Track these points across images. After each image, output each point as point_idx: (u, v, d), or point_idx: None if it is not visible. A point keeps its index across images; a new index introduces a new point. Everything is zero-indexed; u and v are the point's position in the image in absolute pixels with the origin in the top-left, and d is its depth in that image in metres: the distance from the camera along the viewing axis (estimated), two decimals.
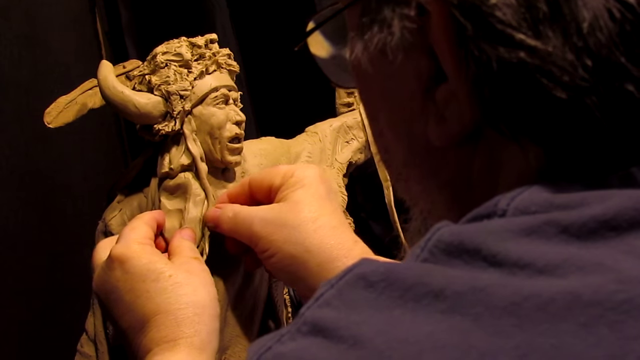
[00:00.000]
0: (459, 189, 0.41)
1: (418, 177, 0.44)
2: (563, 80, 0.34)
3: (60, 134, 0.92)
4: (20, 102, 1.26)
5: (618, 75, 0.34)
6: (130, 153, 1.41)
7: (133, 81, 0.86)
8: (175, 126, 0.83)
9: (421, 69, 0.40)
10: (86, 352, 0.92)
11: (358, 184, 1.32)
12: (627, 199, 0.33)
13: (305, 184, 0.75)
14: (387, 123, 0.45)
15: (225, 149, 0.85)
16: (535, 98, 0.35)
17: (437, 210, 0.44)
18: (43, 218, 1.28)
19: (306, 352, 0.30)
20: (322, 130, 1.03)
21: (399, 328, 0.29)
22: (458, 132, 0.39)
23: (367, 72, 0.42)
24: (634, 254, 0.31)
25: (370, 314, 0.31)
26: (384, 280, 0.32)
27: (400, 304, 0.30)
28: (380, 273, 0.32)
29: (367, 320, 0.30)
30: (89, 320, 0.93)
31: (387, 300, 0.31)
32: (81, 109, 0.88)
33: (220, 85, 0.85)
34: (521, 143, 0.37)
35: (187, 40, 0.85)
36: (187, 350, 0.65)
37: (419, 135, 0.41)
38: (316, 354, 0.30)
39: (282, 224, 0.72)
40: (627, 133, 0.35)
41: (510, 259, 0.31)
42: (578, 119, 0.35)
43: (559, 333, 0.28)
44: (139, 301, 0.68)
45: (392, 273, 0.32)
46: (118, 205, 0.88)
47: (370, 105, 0.47)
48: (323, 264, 0.70)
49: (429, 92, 0.40)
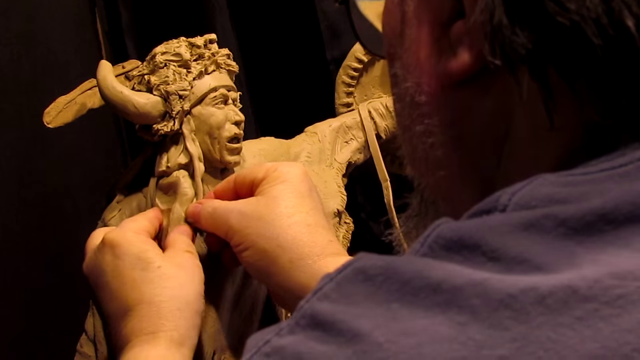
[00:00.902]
0: (464, 132, 0.42)
1: (431, 126, 0.43)
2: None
3: (60, 134, 0.92)
4: (20, 102, 1.26)
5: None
6: (130, 153, 1.41)
7: (132, 81, 0.86)
8: (174, 126, 0.83)
9: (443, 4, 0.40)
10: (86, 352, 0.92)
11: (358, 184, 1.32)
12: (625, 192, 0.33)
13: (286, 179, 0.74)
14: (402, 65, 0.45)
15: (224, 149, 0.85)
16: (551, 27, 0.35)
17: (448, 169, 0.44)
18: (43, 218, 1.28)
19: (304, 345, 0.31)
20: (321, 130, 1.03)
21: (397, 321, 0.30)
22: (468, 65, 0.39)
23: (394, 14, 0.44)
24: (630, 248, 0.31)
25: (369, 307, 0.31)
26: (383, 274, 0.32)
27: (398, 298, 0.31)
28: (379, 267, 0.32)
29: (365, 313, 0.31)
30: (89, 320, 0.93)
31: (386, 293, 0.31)
32: (80, 109, 0.88)
33: (220, 85, 0.85)
34: (530, 84, 0.36)
35: (186, 41, 0.85)
36: (166, 344, 0.65)
37: (434, 74, 0.41)
38: (314, 348, 0.30)
39: (258, 217, 0.72)
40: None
41: (508, 254, 0.31)
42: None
43: (555, 326, 0.28)
44: (125, 288, 0.68)
45: (391, 267, 0.32)
46: (117, 206, 0.88)
47: (392, 49, 0.47)
48: (294, 261, 0.70)
49: (446, 28, 0.40)
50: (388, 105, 1.05)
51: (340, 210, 0.97)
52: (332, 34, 1.33)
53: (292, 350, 0.31)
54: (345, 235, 0.98)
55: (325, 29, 1.33)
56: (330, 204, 0.96)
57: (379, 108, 1.06)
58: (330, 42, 1.33)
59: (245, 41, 1.38)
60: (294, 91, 1.39)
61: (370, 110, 1.06)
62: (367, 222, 1.36)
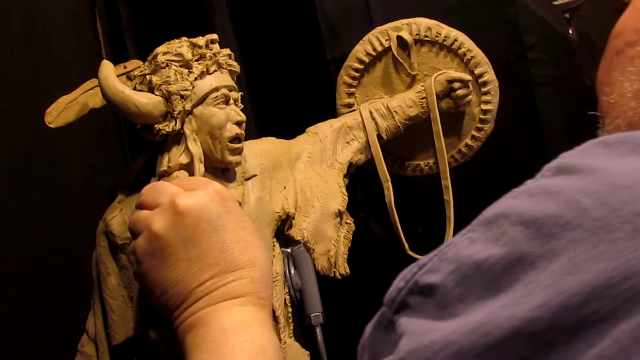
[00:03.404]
0: None
1: None
2: None
3: (60, 134, 0.92)
4: (20, 102, 1.26)
5: None
6: (130, 153, 1.41)
7: (134, 81, 0.86)
8: (176, 126, 0.83)
9: None
10: (86, 352, 0.92)
11: (358, 184, 1.33)
12: None
13: None
14: None
15: (226, 149, 0.85)
16: None
17: None
18: (43, 218, 1.28)
19: (555, 185, 0.38)
20: (322, 130, 1.03)
21: (632, 164, 0.38)
22: None
23: None
24: None
25: (607, 159, 0.39)
26: (620, 141, 0.40)
27: (633, 154, 0.39)
28: (618, 137, 0.40)
29: (604, 160, 0.39)
30: (90, 320, 0.93)
31: (622, 152, 0.39)
32: (82, 109, 0.88)
33: (221, 86, 0.85)
34: None
35: (187, 41, 0.85)
36: (269, 313, 0.66)
37: None
38: (561, 183, 0.38)
39: None
40: None
41: None
42: None
43: None
44: (236, 246, 0.66)
45: (628, 137, 0.40)
46: (119, 205, 0.88)
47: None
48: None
49: None
50: (389, 105, 1.06)
51: (341, 211, 0.97)
52: (332, 34, 1.33)
53: (540, 189, 0.39)
54: (346, 235, 0.98)
55: (325, 29, 1.33)
56: (331, 205, 0.96)
57: (380, 108, 1.06)
58: (330, 42, 1.33)
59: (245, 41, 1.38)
60: (293, 91, 1.39)
61: (372, 111, 1.06)
62: (367, 221, 1.36)
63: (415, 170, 1.13)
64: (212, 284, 0.64)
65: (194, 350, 0.62)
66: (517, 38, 1.28)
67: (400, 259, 1.11)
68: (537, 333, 0.34)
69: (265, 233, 0.89)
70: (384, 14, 1.29)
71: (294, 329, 0.92)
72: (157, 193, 0.69)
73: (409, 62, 1.07)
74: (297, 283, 0.93)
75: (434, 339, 0.36)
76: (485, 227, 0.39)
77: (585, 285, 0.34)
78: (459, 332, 0.36)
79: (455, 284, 0.38)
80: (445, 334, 0.36)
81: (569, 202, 0.37)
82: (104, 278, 0.89)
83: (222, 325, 0.62)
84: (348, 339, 1.18)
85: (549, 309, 0.34)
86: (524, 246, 0.37)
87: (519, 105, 1.28)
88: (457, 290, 0.38)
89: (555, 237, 0.36)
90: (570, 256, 0.35)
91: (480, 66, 1.05)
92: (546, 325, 0.34)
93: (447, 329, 0.36)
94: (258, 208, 0.89)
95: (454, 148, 1.11)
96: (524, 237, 0.37)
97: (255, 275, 0.66)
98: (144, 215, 0.68)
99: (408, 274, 0.40)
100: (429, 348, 0.36)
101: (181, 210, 0.66)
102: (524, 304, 0.35)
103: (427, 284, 0.39)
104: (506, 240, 0.37)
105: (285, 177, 0.95)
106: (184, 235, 0.65)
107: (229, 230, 0.67)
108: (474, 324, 0.35)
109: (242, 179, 0.90)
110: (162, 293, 0.66)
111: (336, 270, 0.95)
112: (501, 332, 0.34)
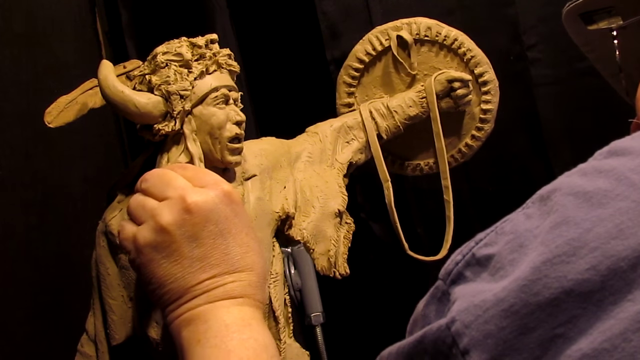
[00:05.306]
0: None
1: None
2: None
3: (60, 134, 0.92)
4: (20, 102, 1.26)
5: None
6: (130, 153, 1.41)
7: (133, 81, 0.86)
8: (176, 126, 0.83)
9: None
10: (86, 352, 0.92)
11: (358, 183, 1.33)
12: None
13: None
14: None
15: (226, 149, 0.85)
16: None
17: None
18: (43, 218, 1.28)
19: (607, 165, 0.41)
20: (322, 130, 1.03)
21: None
22: None
23: None
24: None
25: None
26: None
27: None
28: None
29: None
30: (89, 320, 0.93)
31: None
32: (82, 109, 0.88)
33: (221, 85, 0.85)
34: None
35: (187, 40, 0.85)
36: (262, 316, 0.67)
37: None
38: (612, 163, 0.41)
39: None
40: None
41: None
42: None
43: None
44: (238, 250, 0.67)
45: None
46: (118, 205, 0.88)
47: None
48: None
49: None
50: (389, 105, 1.05)
51: (341, 211, 0.97)
52: (332, 34, 1.33)
53: (567, 187, 0.41)
54: (346, 235, 0.98)
55: (325, 29, 1.33)
56: (331, 204, 0.96)
57: (380, 108, 1.06)
58: (330, 42, 1.33)
59: (245, 41, 1.38)
60: (293, 91, 1.39)
61: (372, 111, 1.06)
62: (367, 221, 1.36)
63: (415, 170, 1.13)
64: (211, 283, 0.65)
65: (194, 345, 0.62)
66: (517, 38, 1.28)
67: (400, 259, 1.11)
68: (586, 294, 0.36)
69: (265, 233, 0.89)
70: (384, 13, 1.29)
71: (294, 329, 0.92)
72: (166, 185, 0.68)
73: (409, 61, 1.07)
74: (297, 283, 0.93)
75: (484, 298, 0.39)
76: (540, 202, 0.42)
77: (633, 250, 0.37)
78: (507, 289, 0.38)
79: (510, 251, 0.40)
80: (495, 293, 0.38)
81: (619, 178, 0.40)
82: (104, 278, 0.89)
83: (224, 322, 0.63)
84: (348, 339, 1.18)
85: (598, 271, 0.37)
86: (571, 212, 0.39)
87: (519, 105, 1.28)
88: (511, 256, 0.40)
89: (603, 207, 0.39)
90: (616, 222, 0.38)
91: (480, 66, 1.05)
92: (595, 287, 0.36)
93: (497, 289, 0.39)
94: (258, 208, 0.89)
95: (454, 148, 1.11)
96: (572, 205, 0.40)
97: (252, 279, 0.67)
98: (150, 205, 0.67)
99: (465, 249, 0.42)
100: (480, 306, 0.38)
101: (190, 207, 0.66)
102: (571, 264, 0.37)
103: (484, 255, 0.41)
104: (556, 208, 0.40)
105: (285, 177, 0.95)
106: (191, 233, 0.65)
107: (233, 235, 0.67)
108: (522, 280, 0.38)
109: (241, 178, 0.90)
110: (160, 286, 0.66)
111: (336, 270, 0.95)
112: (551, 292, 0.37)
